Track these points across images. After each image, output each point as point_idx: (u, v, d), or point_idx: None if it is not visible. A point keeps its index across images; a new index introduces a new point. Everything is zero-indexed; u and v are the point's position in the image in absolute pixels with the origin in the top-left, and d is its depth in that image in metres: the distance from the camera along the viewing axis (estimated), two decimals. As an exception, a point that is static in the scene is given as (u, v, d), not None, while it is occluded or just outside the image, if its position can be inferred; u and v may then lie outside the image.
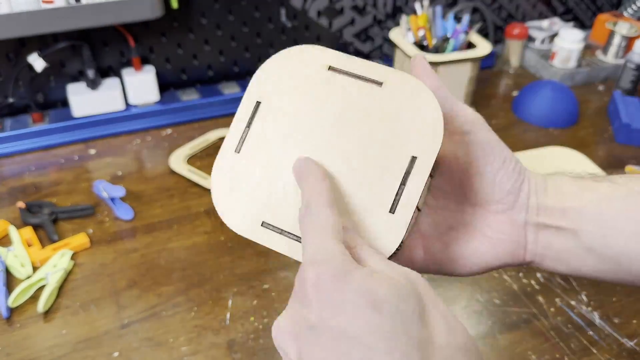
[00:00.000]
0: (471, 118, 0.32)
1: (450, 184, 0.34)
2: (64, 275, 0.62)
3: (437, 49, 0.89)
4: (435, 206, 0.35)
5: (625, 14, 1.18)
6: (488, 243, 0.33)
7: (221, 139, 0.89)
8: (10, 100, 0.86)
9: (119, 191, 0.73)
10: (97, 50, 0.90)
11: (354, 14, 1.04)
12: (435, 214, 0.35)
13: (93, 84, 0.87)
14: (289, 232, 0.31)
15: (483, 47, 0.89)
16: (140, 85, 0.90)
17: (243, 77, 1.03)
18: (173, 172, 0.80)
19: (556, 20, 1.17)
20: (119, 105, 0.89)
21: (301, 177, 0.30)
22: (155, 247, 0.67)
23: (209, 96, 0.94)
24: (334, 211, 0.27)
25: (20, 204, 0.71)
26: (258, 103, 0.33)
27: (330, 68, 0.32)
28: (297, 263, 0.66)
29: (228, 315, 0.58)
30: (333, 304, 0.23)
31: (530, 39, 1.14)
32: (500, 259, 0.33)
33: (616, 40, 1.09)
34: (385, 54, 1.12)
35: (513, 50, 1.11)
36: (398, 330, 0.22)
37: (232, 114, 0.34)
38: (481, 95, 1.00)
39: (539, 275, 0.64)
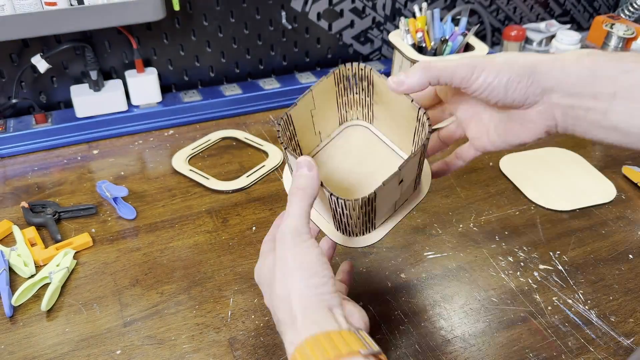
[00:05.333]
0: (459, 80, 0.40)
1: (485, 109, 0.44)
2: (67, 274, 0.63)
3: (436, 51, 0.90)
4: (490, 116, 0.44)
5: (622, 15, 1.19)
6: (527, 129, 0.42)
7: (223, 140, 0.90)
8: (14, 101, 0.86)
9: (122, 191, 0.74)
10: (99, 51, 0.91)
11: (354, 17, 1.05)
12: (489, 108, 0.44)
13: (96, 86, 0.88)
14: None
15: (481, 48, 0.90)
16: (143, 86, 0.90)
17: (244, 78, 1.04)
18: (175, 172, 0.81)
19: (553, 22, 1.18)
20: (122, 106, 0.89)
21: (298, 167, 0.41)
22: (158, 246, 0.68)
23: (210, 97, 0.95)
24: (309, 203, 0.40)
25: (24, 204, 0.72)
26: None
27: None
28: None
29: (229, 314, 0.59)
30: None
31: (528, 40, 1.15)
32: (538, 135, 0.42)
33: (613, 41, 1.10)
34: (384, 56, 1.13)
35: (511, 51, 1.12)
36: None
37: (234, 115, 0.37)
38: (480, 97, 1.01)
39: (536, 274, 0.64)
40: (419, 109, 0.43)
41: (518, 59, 0.39)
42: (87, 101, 0.87)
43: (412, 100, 0.43)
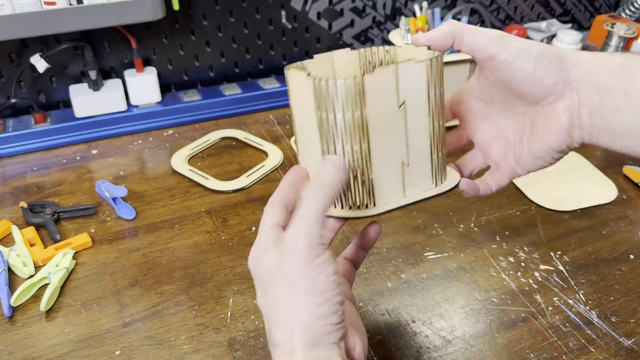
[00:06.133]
0: (486, 43, 0.37)
1: (507, 99, 0.40)
2: (66, 275, 0.63)
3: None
4: (507, 115, 0.42)
5: (623, 15, 1.19)
6: (552, 129, 0.38)
7: (222, 139, 0.90)
8: (13, 100, 0.86)
9: (121, 191, 0.73)
10: (99, 51, 0.90)
11: (354, 16, 1.05)
12: (511, 119, 0.42)
13: (95, 85, 0.87)
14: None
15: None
16: (142, 86, 0.90)
17: (244, 78, 1.04)
18: (175, 172, 0.81)
19: (554, 21, 1.18)
20: (121, 106, 0.89)
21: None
22: (157, 247, 0.68)
23: (210, 97, 0.95)
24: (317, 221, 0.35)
25: (23, 204, 0.72)
26: None
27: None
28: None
29: (229, 314, 0.59)
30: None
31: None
32: (563, 135, 0.38)
33: (614, 41, 1.09)
34: (384, 55, 1.13)
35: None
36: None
37: (233, 115, 0.35)
38: (480, 96, 1.01)
39: (536, 274, 0.64)
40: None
41: (543, 45, 0.37)
42: (86, 101, 0.87)
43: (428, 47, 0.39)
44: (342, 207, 0.39)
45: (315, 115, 0.38)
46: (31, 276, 0.63)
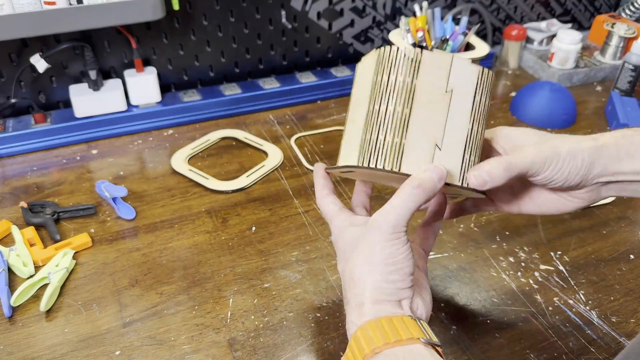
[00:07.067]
0: (535, 168, 0.41)
1: (527, 182, 0.45)
2: (66, 275, 0.63)
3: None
4: (538, 193, 0.47)
5: (623, 15, 1.19)
6: (572, 203, 0.45)
7: (222, 139, 0.90)
8: (13, 100, 0.86)
9: (121, 191, 0.73)
10: (99, 51, 0.90)
11: (354, 16, 1.05)
12: (539, 194, 0.47)
13: (95, 85, 0.87)
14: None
15: (481, 48, 0.90)
16: (142, 86, 0.90)
17: (244, 78, 1.04)
18: (174, 172, 0.81)
19: (554, 21, 1.18)
20: (121, 106, 0.89)
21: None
22: (157, 247, 0.68)
23: (210, 97, 0.95)
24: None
25: (23, 204, 0.72)
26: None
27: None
28: (297, 263, 0.66)
29: (229, 314, 0.59)
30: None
31: (529, 40, 1.15)
32: (580, 208, 0.45)
33: (614, 41, 1.09)
34: (385, 55, 1.13)
35: (511, 51, 1.12)
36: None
37: (233, 115, 0.35)
38: (480, 96, 1.01)
39: (537, 274, 0.64)
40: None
41: (576, 151, 0.41)
42: (86, 101, 0.87)
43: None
44: (369, 163, 0.40)
45: (372, 80, 0.41)
46: (31, 276, 0.63)
